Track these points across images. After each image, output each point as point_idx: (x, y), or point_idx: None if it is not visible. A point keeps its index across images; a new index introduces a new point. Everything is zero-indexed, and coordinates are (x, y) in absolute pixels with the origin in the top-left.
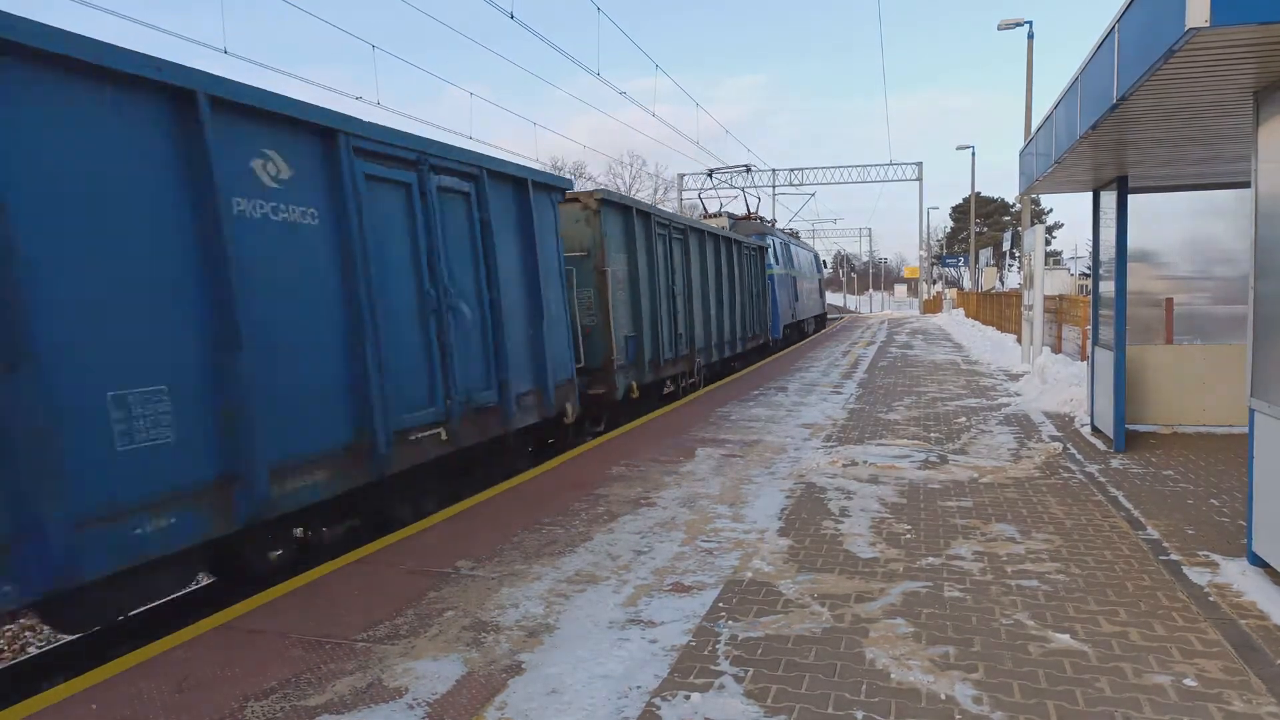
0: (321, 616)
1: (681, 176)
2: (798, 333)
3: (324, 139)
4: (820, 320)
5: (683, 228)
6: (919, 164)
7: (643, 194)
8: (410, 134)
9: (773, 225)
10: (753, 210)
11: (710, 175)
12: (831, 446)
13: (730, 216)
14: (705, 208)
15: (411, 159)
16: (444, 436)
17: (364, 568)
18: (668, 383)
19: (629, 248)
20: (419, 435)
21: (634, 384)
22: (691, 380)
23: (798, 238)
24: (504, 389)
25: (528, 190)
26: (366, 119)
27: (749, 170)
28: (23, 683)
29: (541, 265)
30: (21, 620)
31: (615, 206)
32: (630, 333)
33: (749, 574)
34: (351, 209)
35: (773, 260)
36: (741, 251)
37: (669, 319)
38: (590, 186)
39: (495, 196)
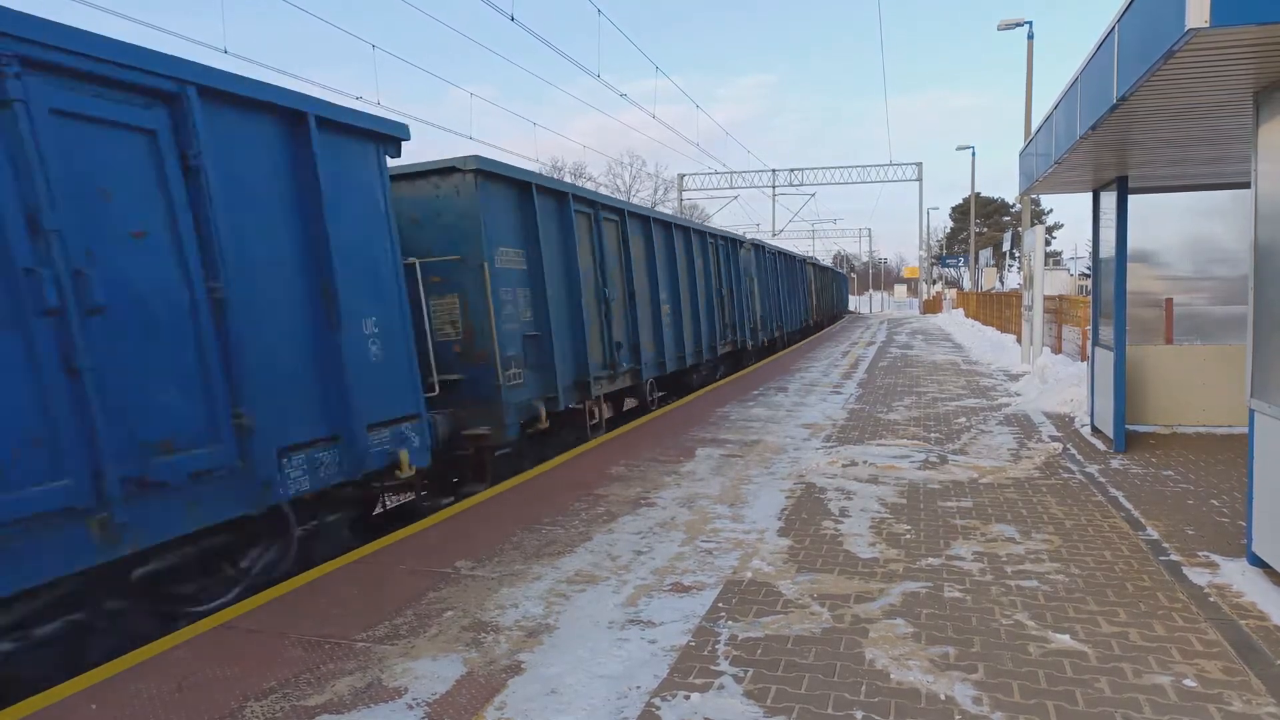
0: (321, 616)
1: (681, 177)
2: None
3: None
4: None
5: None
6: (919, 164)
7: (643, 194)
8: None
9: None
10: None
11: None
12: (831, 446)
13: None
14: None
15: None
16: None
17: (364, 568)
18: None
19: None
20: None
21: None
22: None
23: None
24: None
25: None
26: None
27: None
28: (23, 683)
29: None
30: None
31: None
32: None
33: (749, 574)
34: None
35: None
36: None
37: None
38: (590, 187)
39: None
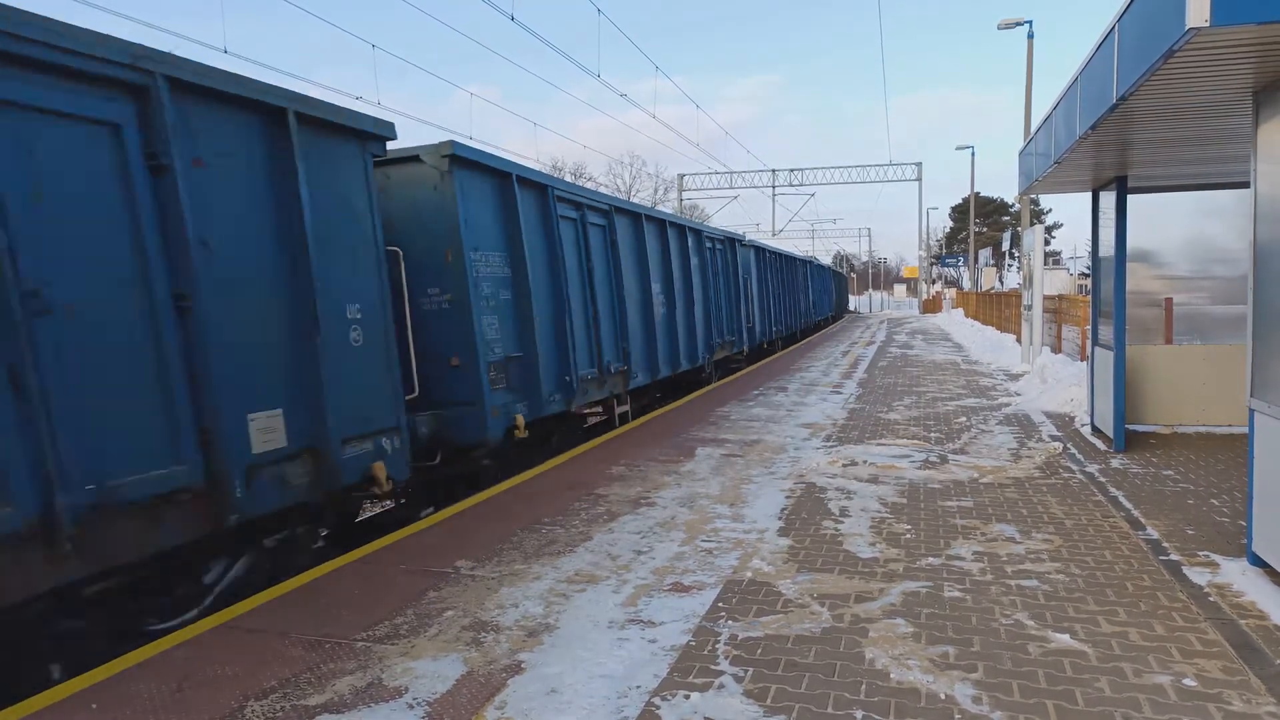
0: (321, 616)
1: (681, 177)
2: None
3: None
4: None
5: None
6: (918, 164)
7: (643, 194)
8: None
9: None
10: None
11: None
12: (831, 446)
13: None
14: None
15: None
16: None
17: (364, 567)
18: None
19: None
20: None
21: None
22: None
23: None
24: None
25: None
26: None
27: None
28: (23, 683)
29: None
30: None
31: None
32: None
33: (749, 574)
34: None
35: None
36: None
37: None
38: (591, 187)
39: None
